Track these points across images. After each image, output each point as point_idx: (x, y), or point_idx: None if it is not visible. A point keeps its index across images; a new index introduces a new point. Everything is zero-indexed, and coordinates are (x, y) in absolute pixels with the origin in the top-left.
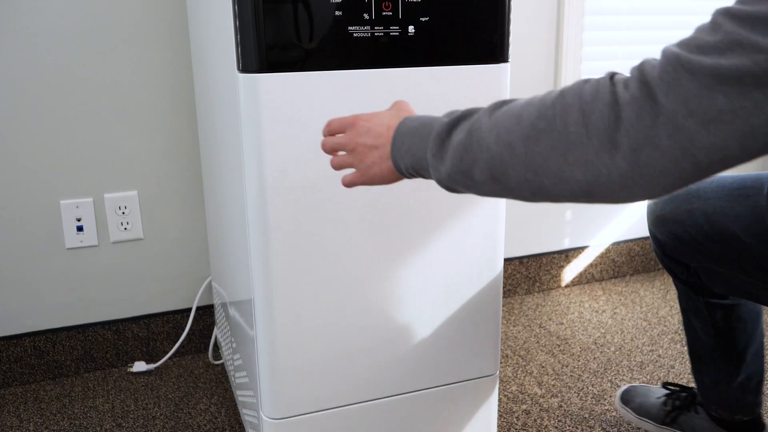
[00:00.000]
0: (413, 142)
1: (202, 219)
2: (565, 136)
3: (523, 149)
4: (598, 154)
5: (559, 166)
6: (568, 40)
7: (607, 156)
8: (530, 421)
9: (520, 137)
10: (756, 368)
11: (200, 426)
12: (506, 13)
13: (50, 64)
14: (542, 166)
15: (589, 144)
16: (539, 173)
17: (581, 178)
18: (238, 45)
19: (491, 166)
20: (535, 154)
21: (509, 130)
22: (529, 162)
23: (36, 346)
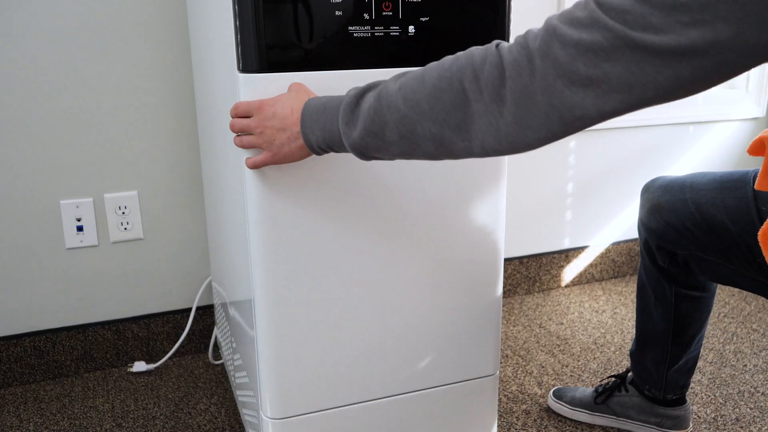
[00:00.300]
0: (323, 117)
1: (202, 219)
2: (461, 92)
3: (427, 106)
4: (488, 106)
5: (460, 117)
6: None
7: (496, 108)
8: (530, 421)
9: (424, 96)
10: (696, 353)
11: (200, 426)
12: (506, 13)
13: (50, 64)
14: (445, 120)
15: (481, 98)
16: (443, 126)
17: (478, 128)
18: (238, 45)
19: (400, 125)
20: (438, 110)
21: (414, 90)
22: (433, 117)
23: (36, 346)
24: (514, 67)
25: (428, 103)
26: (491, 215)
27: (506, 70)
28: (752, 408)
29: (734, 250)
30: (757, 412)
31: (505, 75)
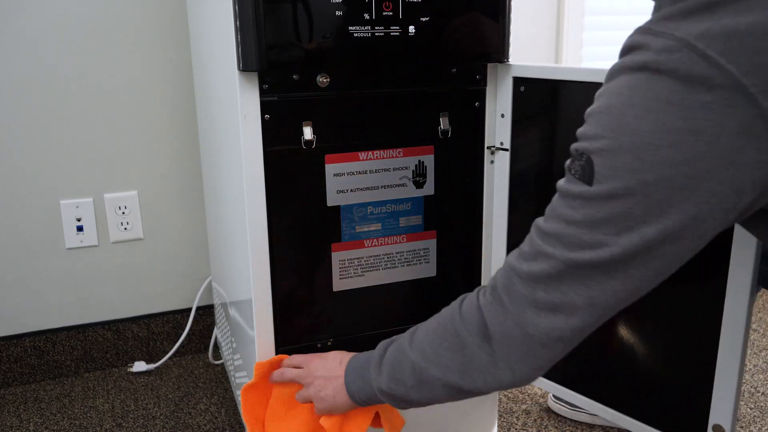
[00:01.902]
0: (361, 367)
1: (202, 219)
2: (456, 336)
3: (431, 352)
4: (481, 347)
5: (459, 361)
6: (568, 40)
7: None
8: (530, 421)
9: (428, 343)
10: None
11: (200, 426)
12: (506, 12)
13: (50, 64)
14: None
15: (473, 341)
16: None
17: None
18: (238, 45)
19: (414, 371)
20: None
21: (421, 339)
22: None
23: (36, 346)
24: (488, 309)
25: (431, 349)
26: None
27: (483, 311)
28: (752, 408)
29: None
30: (757, 412)
31: (484, 316)
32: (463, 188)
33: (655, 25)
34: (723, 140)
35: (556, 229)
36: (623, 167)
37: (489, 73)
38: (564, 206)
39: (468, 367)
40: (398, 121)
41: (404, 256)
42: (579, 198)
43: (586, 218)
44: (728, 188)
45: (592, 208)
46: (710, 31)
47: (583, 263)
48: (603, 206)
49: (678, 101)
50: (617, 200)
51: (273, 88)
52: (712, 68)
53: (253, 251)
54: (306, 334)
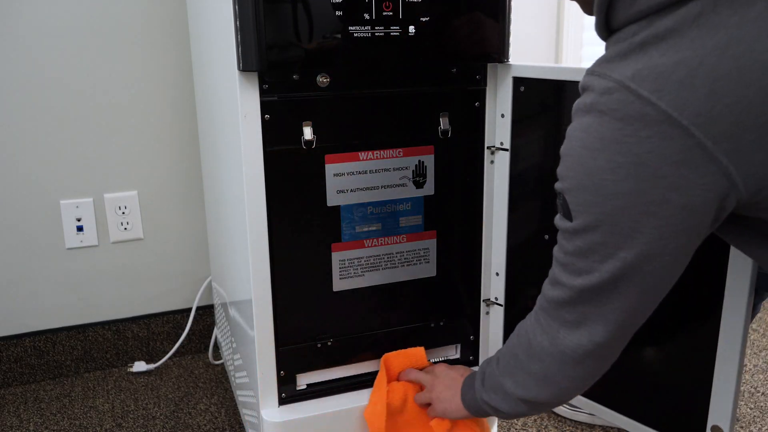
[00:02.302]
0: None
1: (202, 219)
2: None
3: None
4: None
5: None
6: (568, 40)
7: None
8: (530, 421)
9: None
10: None
11: (200, 426)
12: (506, 12)
13: (50, 64)
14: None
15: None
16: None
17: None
18: (238, 45)
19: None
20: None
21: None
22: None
23: (36, 346)
24: (532, 331)
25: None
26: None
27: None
28: (752, 408)
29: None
30: (757, 412)
31: (530, 338)
32: (463, 188)
33: (599, 68)
34: (665, 169)
35: (561, 259)
36: (586, 203)
37: (489, 73)
38: (561, 239)
39: (529, 383)
40: (398, 121)
41: (404, 256)
42: (566, 232)
43: (576, 249)
44: (681, 210)
45: (577, 240)
46: (641, 71)
47: (585, 288)
48: (584, 238)
49: (620, 139)
50: (592, 232)
51: (273, 88)
52: (645, 106)
53: (253, 251)
54: (306, 334)
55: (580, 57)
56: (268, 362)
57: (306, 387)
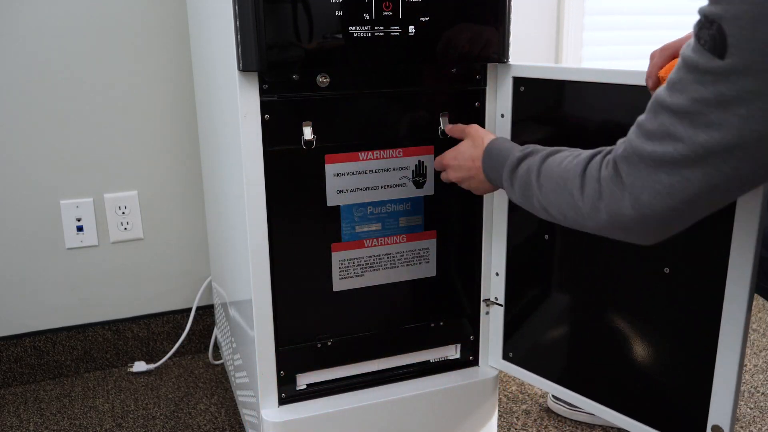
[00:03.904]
0: (495, 165)
1: (202, 219)
2: (572, 197)
3: (553, 198)
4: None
5: (573, 216)
6: (568, 40)
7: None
8: (530, 421)
9: (550, 190)
10: None
11: (200, 426)
12: (506, 13)
13: (50, 64)
14: (564, 214)
15: (584, 207)
16: (565, 217)
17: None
18: (238, 45)
19: (539, 202)
20: (558, 204)
21: (546, 179)
22: (557, 207)
23: (36, 346)
24: (607, 183)
25: (553, 196)
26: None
27: (602, 185)
28: (752, 408)
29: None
30: (757, 412)
31: (602, 190)
32: (463, 188)
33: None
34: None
35: (683, 106)
36: (763, 38)
37: (489, 73)
38: (692, 81)
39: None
40: (398, 121)
41: (404, 256)
42: (707, 73)
43: (716, 96)
44: None
45: (722, 85)
46: None
47: (710, 146)
48: (734, 83)
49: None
50: (752, 77)
51: (273, 88)
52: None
53: (253, 251)
54: (306, 334)
55: (580, 57)
56: (268, 362)
57: (306, 387)
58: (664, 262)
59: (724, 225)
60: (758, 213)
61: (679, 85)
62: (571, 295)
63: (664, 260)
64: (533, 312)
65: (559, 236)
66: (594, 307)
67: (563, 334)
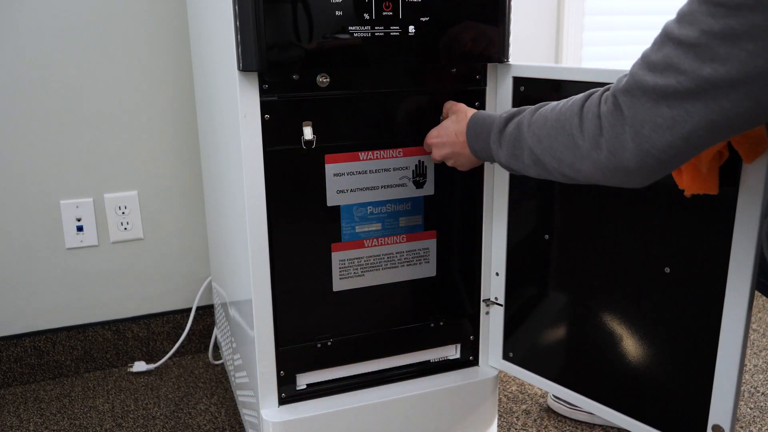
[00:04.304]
0: (481, 133)
1: (202, 219)
2: (571, 136)
3: (547, 144)
4: (590, 152)
5: (570, 158)
6: (568, 40)
7: (595, 154)
8: (530, 421)
9: (545, 134)
10: None
11: (200, 426)
12: (506, 13)
13: (50, 64)
14: (560, 158)
15: (584, 144)
16: (560, 162)
17: (585, 168)
18: (238, 45)
19: (531, 154)
20: (554, 148)
21: (540, 127)
22: (552, 153)
23: (36, 346)
24: (607, 118)
25: (548, 141)
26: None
27: (602, 120)
28: (752, 408)
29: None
30: (757, 412)
31: (602, 125)
32: (463, 188)
33: None
34: None
35: (690, 38)
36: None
37: (489, 73)
38: (704, 13)
39: (578, 164)
40: (398, 121)
41: (404, 256)
42: (721, 6)
43: (726, 29)
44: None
45: (733, 18)
46: None
47: (714, 81)
48: (746, 18)
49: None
50: (762, 13)
51: (273, 88)
52: None
53: (253, 251)
54: (306, 334)
55: (580, 57)
56: (268, 362)
57: (306, 387)
58: (664, 261)
59: (725, 225)
60: (758, 213)
61: (689, 16)
62: (570, 295)
63: (664, 260)
64: (533, 312)
65: (559, 236)
66: (594, 307)
67: (563, 334)
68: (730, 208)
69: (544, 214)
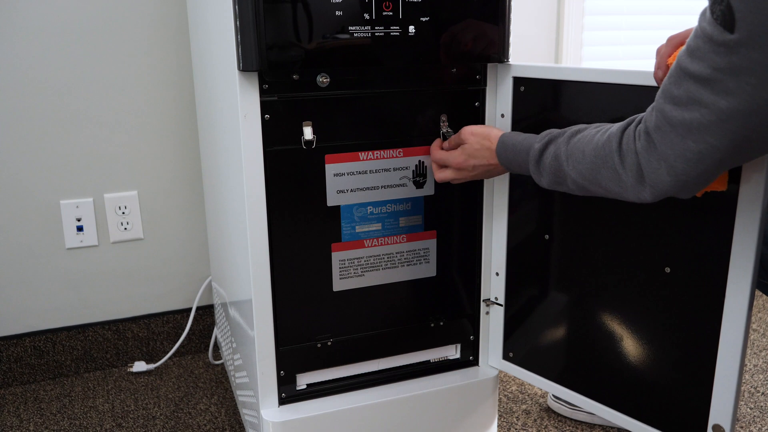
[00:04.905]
0: (516, 159)
1: (202, 219)
2: (615, 172)
3: (590, 176)
4: (634, 186)
5: (617, 189)
6: (568, 40)
7: (640, 186)
8: (530, 421)
9: (587, 168)
10: None
11: (200, 426)
12: (506, 13)
13: (50, 63)
14: (605, 188)
15: (628, 180)
16: (606, 190)
17: (631, 197)
18: (238, 45)
19: (575, 183)
20: (599, 180)
21: (579, 161)
22: (597, 183)
23: (36, 346)
24: (644, 156)
25: (590, 175)
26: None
27: (640, 158)
28: (752, 408)
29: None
30: (757, 412)
31: (640, 163)
32: (463, 188)
33: None
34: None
35: (703, 73)
36: (763, 11)
37: (489, 73)
38: (709, 51)
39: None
40: (398, 121)
41: (404, 256)
42: (721, 45)
43: (731, 66)
44: None
45: (734, 56)
46: None
47: (730, 111)
48: (745, 55)
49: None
50: (758, 50)
51: (273, 88)
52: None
53: (253, 251)
54: (306, 334)
55: (580, 57)
56: (268, 362)
57: (306, 387)
58: (665, 261)
59: (725, 224)
60: (759, 213)
61: (698, 52)
62: (571, 295)
63: (665, 260)
64: (533, 312)
65: (559, 236)
66: (594, 307)
67: (563, 334)
68: (731, 207)
69: (544, 214)
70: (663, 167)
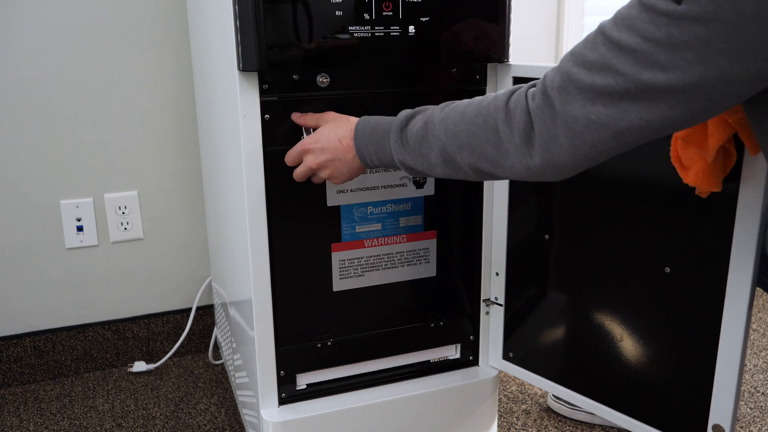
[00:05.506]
0: (375, 135)
1: (202, 219)
2: (495, 132)
3: (465, 139)
4: (519, 148)
5: (493, 153)
6: (568, 40)
7: (525, 149)
8: (530, 421)
9: (463, 129)
10: None
11: (200, 426)
12: (506, 13)
13: (50, 63)
14: (481, 154)
15: (512, 139)
16: (479, 158)
17: (509, 163)
18: (238, 45)
19: (443, 152)
20: (474, 144)
21: (455, 122)
22: (471, 149)
23: (36, 346)
24: (538, 114)
25: (466, 137)
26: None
27: (532, 116)
28: (752, 408)
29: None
30: (757, 412)
31: (533, 121)
32: (463, 188)
33: None
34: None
35: (630, 43)
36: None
37: (489, 73)
38: (646, 21)
39: (502, 160)
40: None
41: (404, 256)
42: (663, 15)
43: (667, 38)
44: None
45: (675, 28)
46: None
47: (653, 85)
48: (687, 28)
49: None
50: (703, 25)
51: (273, 88)
52: None
53: (253, 251)
54: (306, 334)
55: None
56: (268, 362)
57: (306, 387)
58: (665, 261)
59: (725, 224)
60: (759, 213)
61: (629, 21)
62: (571, 295)
63: (665, 260)
64: (533, 312)
65: (559, 236)
66: (594, 307)
67: (563, 334)
68: (731, 207)
69: (544, 214)
70: (560, 128)
